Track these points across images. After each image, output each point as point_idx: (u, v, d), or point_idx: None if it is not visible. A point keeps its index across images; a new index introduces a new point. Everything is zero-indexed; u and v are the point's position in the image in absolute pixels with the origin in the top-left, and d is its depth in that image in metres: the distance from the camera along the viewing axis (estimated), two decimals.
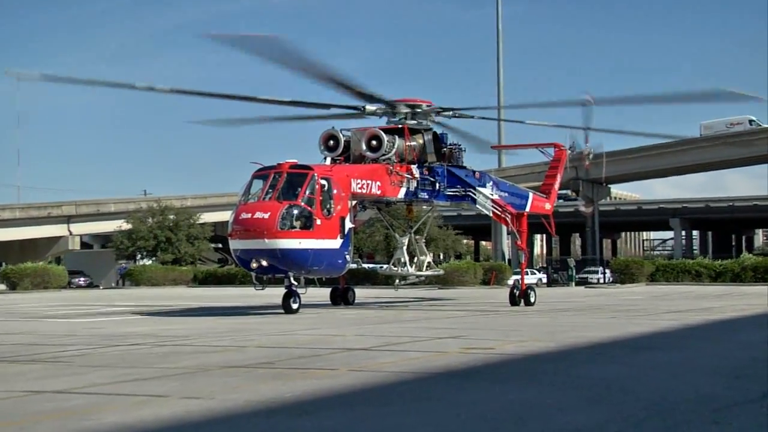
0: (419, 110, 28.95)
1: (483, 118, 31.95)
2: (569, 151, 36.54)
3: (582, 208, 72.20)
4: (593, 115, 34.74)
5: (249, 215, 23.84)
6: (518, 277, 31.93)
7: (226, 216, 36.37)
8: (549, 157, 36.64)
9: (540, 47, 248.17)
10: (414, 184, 28.54)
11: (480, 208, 30.39)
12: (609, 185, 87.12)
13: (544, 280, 66.61)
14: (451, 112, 29.24)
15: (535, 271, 68.12)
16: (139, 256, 76.06)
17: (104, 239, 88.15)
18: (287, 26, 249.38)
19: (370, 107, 27.83)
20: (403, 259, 30.25)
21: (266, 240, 23.43)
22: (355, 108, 27.70)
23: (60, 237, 79.33)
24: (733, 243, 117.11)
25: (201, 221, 77.42)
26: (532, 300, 29.80)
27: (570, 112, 36.29)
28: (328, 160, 27.19)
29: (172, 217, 75.32)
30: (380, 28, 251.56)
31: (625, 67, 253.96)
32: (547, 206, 35.04)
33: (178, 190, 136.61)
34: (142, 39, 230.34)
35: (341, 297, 31.01)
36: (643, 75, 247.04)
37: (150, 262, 74.85)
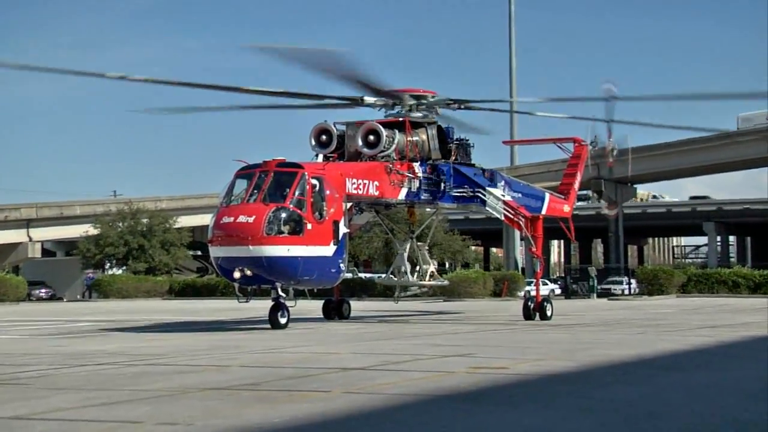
0: (424, 101, 28.97)
1: (493, 110, 32.04)
2: (590, 147, 36.61)
3: (605, 210, 72.45)
4: (615, 108, 34.85)
5: (231, 219, 23.85)
6: (533, 287, 31.97)
7: (205, 220, 36.47)
8: (568, 153, 36.70)
9: (556, 34, 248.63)
10: (416, 184, 28.57)
11: (490, 210, 30.41)
12: (635, 185, 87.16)
13: (558, 292, 66.57)
14: (457, 105, 29.27)
15: (547, 282, 68.17)
16: (108, 264, 76.00)
17: (68, 246, 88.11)
18: (283, 8, 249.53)
19: (368, 98, 27.87)
20: (403, 268, 30.27)
21: (251, 247, 23.44)
22: (351, 99, 27.73)
23: (18, 243, 79.20)
24: None
25: (178, 226, 77.41)
26: (549, 313, 29.84)
27: (591, 105, 36.56)
28: (320, 158, 27.23)
29: (145, 221, 75.29)
30: (378, 12, 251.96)
31: (649, 55, 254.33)
32: (566, 208, 35.09)
33: (151, 191, 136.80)
34: (107, 24, 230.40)
35: (335, 310, 31.03)
36: (671, 64, 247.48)
37: (120, 271, 74.77)
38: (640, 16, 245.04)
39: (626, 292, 65.17)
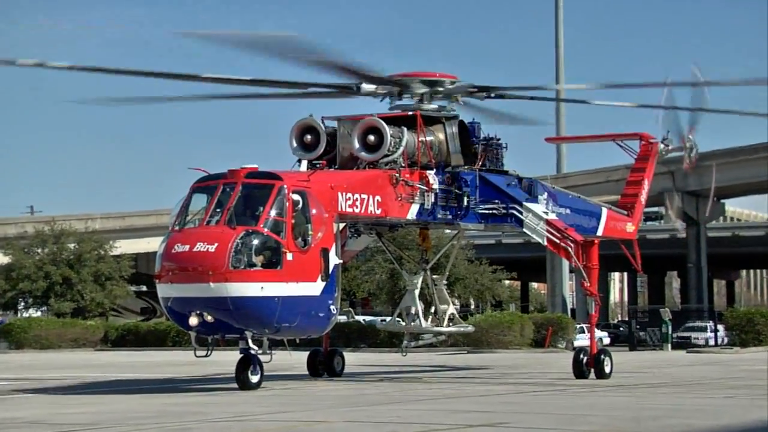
0: (441, 89, 29.06)
1: (534, 98, 32.05)
2: (662, 146, 36.35)
3: (677, 225, 72.07)
4: (703, 97, 34.88)
5: (186, 248, 23.91)
6: (586, 335, 32.03)
7: (153, 245, 36.51)
8: (632, 154, 36.52)
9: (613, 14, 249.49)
10: (431, 198, 28.63)
11: (528, 232, 30.44)
12: (722, 200, 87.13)
13: (607, 341, 66.38)
14: (485, 93, 29.37)
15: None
16: (23, 304, 76.03)
17: None
18: None
19: (366, 86, 28.01)
20: (414, 309, 30.27)
21: (212, 284, 23.48)
22: (344, 87, 27.89)
23: None
24: None
25: (116, 252, 77.43)
26: (608, 370, 29.81)
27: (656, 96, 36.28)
28: (304, 165, 27.26)
29: (72, 246, 75.34)
30: None
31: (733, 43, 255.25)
32: (629, 228, 34.94)
33: (81, 208, 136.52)
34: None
35: (324, 365, 31.01)
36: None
37: (39, 313, 74.79)
38: None
39: (711, 341, 65.00)
